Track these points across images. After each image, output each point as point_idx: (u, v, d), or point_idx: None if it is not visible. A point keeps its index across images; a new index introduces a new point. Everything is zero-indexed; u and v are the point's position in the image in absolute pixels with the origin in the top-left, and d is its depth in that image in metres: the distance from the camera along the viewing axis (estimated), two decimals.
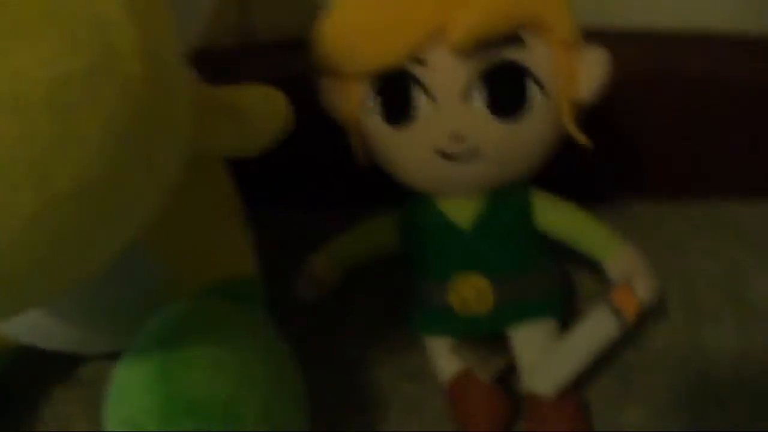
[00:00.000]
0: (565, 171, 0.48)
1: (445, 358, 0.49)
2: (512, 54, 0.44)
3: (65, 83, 0.28)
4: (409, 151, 0.46)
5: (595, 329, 0.47)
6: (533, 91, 0.45)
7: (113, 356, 0.40)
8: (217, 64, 0.54)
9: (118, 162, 0.30)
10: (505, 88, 0.44)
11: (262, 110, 0.42)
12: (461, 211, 0.48)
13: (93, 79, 0.29)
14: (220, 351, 0.39)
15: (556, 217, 0.49)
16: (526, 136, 0.46)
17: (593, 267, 0.49)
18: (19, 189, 0.28)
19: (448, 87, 0.44)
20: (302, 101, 0.44)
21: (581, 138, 0.46)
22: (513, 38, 0.44)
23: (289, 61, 0.49)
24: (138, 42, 0.31)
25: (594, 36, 0.45)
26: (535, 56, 0.45)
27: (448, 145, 0.45)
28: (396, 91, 0.45)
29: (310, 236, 0.52)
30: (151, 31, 0.32)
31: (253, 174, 0.50)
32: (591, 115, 0.46)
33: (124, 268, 0.42)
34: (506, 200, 0.48)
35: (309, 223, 0.56)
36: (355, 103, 0.47)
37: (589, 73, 0.45)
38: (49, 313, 0.44)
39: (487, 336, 0.49)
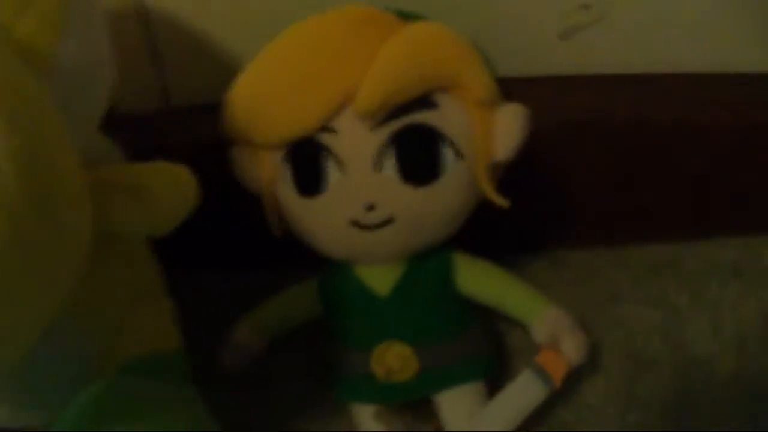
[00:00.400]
0: (495, 220, 0.47)
1: (370, 424, 0.48)
2: (423, 117, 0.43)
3: None
4: (322, 221, 0.46)
5: (522, 393, 0.46)
6: (446, 154, 0.44)
7: None
8: (134, 127, 0.53)
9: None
10: (416, 153, 0.44)
11: (169, 190, 0.42)
12: (379, 279, 0.47)
13: None
14: (136, 430, 0.38)
15: (478, 281, 0.48)
16: (442, 201, 0.45)
17: None
18: None
19: (359, 155, 0.44)
20: (220, 164, 0.43)
21: (498, 200, 0.45)
22: (424, 100, 0.43)
23: (205, 124, 0.48)
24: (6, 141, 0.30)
25: (519, 83, 0.44)
26: (448, 117, 0.44)
27: (362, 215, 0.44)
28: (306, 161, 0.44)
29: (235, 301, 0.51)
30: (25, 130, 0.31)
31: (174, 237, 0.49)
32: (521, 162, 0.45)
33: (47, 345, 0.41)
34: (425, 265, 0.48)
35: (233, 287, 0.55)
36: (267, 173, 0.46)
37: (506, 131, 0.44)
38: None
39: (412, 401, 0.48)
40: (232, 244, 0.57)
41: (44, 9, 0.34)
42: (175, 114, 0.59)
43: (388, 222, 0.45)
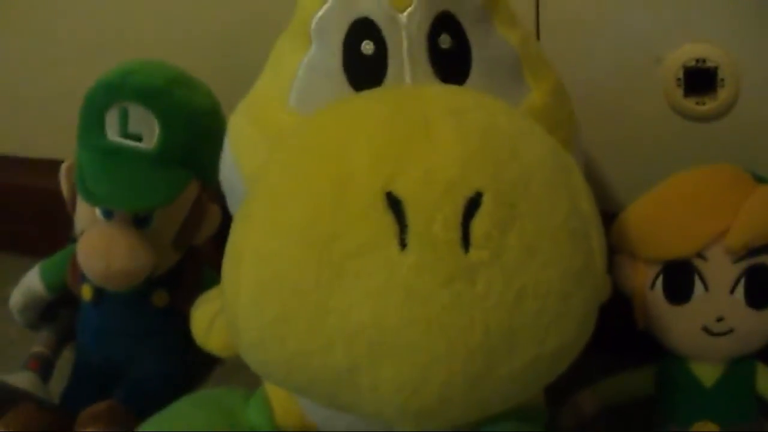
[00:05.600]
0: None
1: None
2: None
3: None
4: (681, 324, 0.62)
5: None
6: None
7: None
8: None
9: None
10: (762, 285, 0.60)
11: None
12: (706, 373, 0.63)
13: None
14: None
15: None
16: None
17: None
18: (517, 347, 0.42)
19: (720, 279, 0.61)
20: None
21: None
22: None
23: None
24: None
25: None
26: None
27: (713, 325, 0.61)
28: (679, 276, 0.62)
29: None
30: None
31: None
32: None
33: None
34: (739, 367, 0.63)
35: None
36: (640, 280, 0.64)
37: None
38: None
39: None
40: None
41: None
42: None
43: (729, 332, 0.61)
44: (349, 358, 0.41)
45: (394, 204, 0.41)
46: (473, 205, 0.41)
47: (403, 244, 0.41)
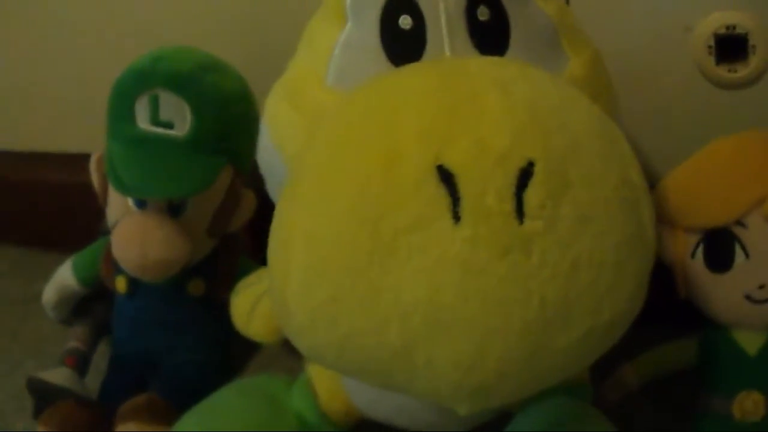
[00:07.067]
0: None
1: None
2: None
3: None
4: (723, 292, 0.61)
5: None
6: None
7: None
8: None
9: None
10: None
11: None
12: (750, 341, 0.63)
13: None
14: None
15: None
16: None
17: None
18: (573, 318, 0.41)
19: (761, 247, 0.60)
20: None
21: None
22: None
23: None
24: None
25: None
26: None
27: (756, 292, 0.60)
28: (719, 245, 0.61)
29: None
30: None
31: None
32: None
33: None
34: None
35: None
36: (681, 248, 0.63)
37: None
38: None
39: None
40: None
41: None
42: None
43: None
44: (404, 337, 0.41)
45: (446, 177, 0.40)
46: (525, 175, 0.40)
47: (456, 218, 0.40)
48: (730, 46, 0.69)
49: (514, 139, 0.41)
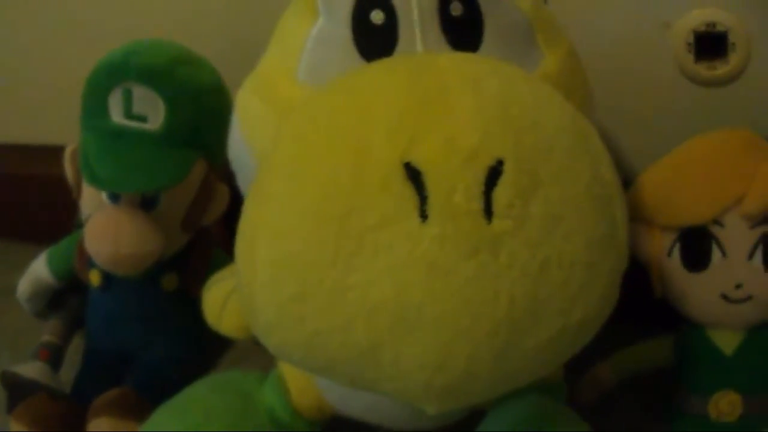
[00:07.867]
0: None
1: None
2: None
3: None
4: (699, 291, 0.61)
5: None
6: None
7: None
8: None
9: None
10: None
11: None
12: (726, 341, 0.62)
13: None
14: None
15: None
16: None
17: None
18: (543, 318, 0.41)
19: (738, 246, 0.60)
20: None
21: None
22: None
23: None
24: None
25: None
26: None
27: (732, 292, 0.60)
28: (696, 243, 0.61)
29: None
30: None
31: None
32: None
33: None
34: (759, 334, 0.62)
35: None
36: (656, 247, 0.63)
37: None
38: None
39: None
40: None
41: None
42: None
43: (747, 299, 0.61)
44: (371, 336, 0.40)
45: (414, 175, 0.40)
46: (495, 174, 0.40)
47: (423, 216, 0.39)
48: (710, 44, 0.68)
49: (484, 138, 0.40)
